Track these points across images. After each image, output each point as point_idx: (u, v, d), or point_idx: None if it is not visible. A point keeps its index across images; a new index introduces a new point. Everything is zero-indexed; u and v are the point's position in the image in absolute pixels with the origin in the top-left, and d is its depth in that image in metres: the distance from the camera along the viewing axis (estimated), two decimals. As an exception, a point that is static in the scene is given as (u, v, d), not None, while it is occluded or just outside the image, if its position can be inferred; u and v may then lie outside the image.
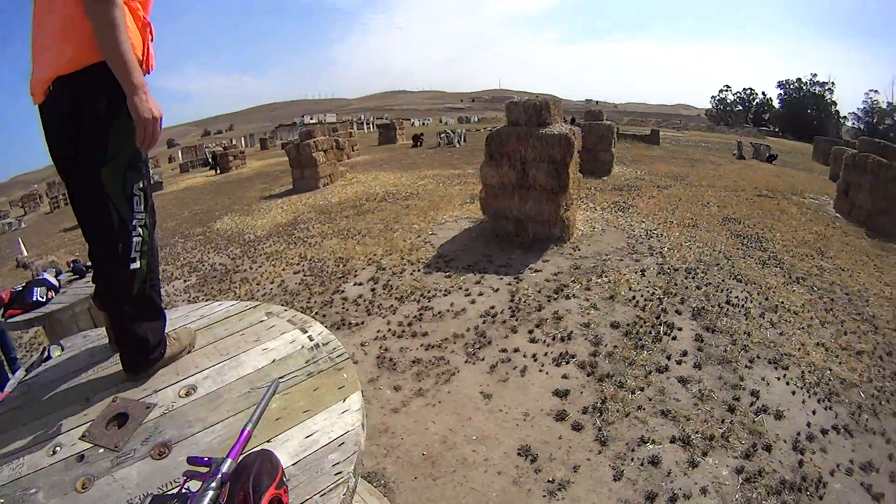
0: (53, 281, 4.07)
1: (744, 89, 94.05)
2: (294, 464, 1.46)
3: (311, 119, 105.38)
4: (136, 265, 1.89)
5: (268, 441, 1.56)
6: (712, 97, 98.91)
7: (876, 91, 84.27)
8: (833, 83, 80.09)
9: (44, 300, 3.84)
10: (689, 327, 5.42)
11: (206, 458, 1.39)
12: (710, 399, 4.24)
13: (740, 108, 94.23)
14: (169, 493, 1.40)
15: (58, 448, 1.71)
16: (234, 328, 2.30)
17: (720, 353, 4.91)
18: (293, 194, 16.48)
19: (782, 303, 6.10)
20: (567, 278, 6.75)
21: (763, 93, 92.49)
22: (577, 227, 8.76)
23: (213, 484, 1.26)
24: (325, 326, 2.24)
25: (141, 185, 1.87)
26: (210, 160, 35.69)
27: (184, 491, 1.31)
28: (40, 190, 48.12)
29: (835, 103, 79.25)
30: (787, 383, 4.51)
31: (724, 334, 5.28)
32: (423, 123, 78.95)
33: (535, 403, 4.29)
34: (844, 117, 76.81)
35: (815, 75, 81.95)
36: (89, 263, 4.45)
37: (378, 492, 3.42)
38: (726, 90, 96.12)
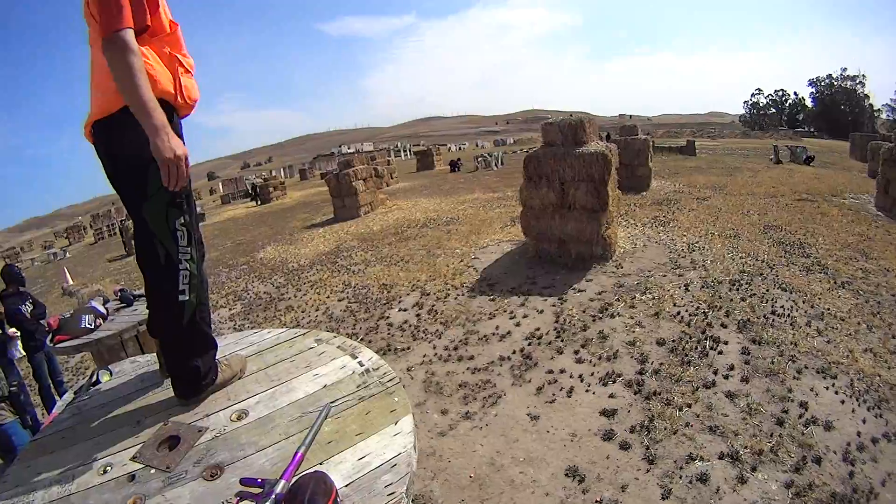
0: (101, 309, 4.15)
1: (775, 91, 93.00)
2: (347, 485, 1.43)
3: (349, 148, 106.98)
4: (186, 297, 1.92)
5: (321, 463, 1.54)
6: (745, 102, 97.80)
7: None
8: (864, 76, 78.62)
9: (92, 327, 3.91)
10: (736, 340, 5.32)
11: (259, 480, 1.41)
12: (759, 413, 4.16)
13: (773, 110, 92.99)
14: None
15: (108, 468, 1.72)
16: (285, 355, 2.31)
17: (767, 366, 4.80)
18: (335, 223, 16.64)
19: (828, 309, 5.93)
20: (611, 297, 6.69)
21: (795, 93, 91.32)
22: (618, 245, 8.69)
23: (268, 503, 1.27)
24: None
25: (183, 221, 1.89)
26: (251, 191, 36.37)
27: None
28: (84, 222, 49.60)
29: (868, 96, 77.80)
30: (836, 392, 4.38)
31: (771, 345, 5.15)
32: (460, 148, 79.62)
33: (582, 423, 4.27)
34: (878, 110, 75.29)
35: (845, 69, 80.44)
36: (137, 292, 4.55)
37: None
38: (758, 94, 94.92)
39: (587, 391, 4.71)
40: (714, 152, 32.25)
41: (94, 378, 2.45)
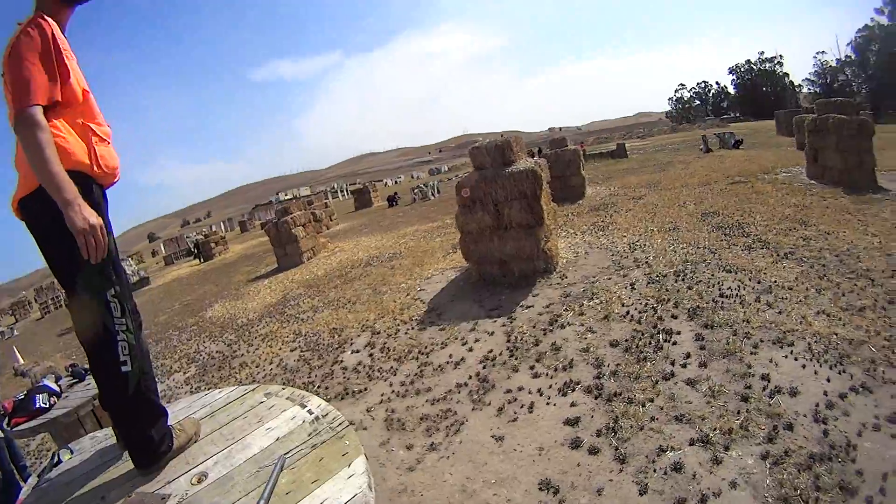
0: (54, 387, 4.15)
1: (698, 84, 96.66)
2: None
3: (286, 195, 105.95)
4: (128, 367, 1.97)
5: None
6: (669, 99, 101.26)
7: (824, 52, 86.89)
8: (780, 56, 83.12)
9: (47, 406, 3.90)
10: (688, 329, 5.45)
11: None
12: (722, 393, 4.24)
13: (698, 102, 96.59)
14: None
15: None
16: (237, 412, 2.39)
17: (723, 347, 4.92)
18: (279, 272, 16.52)
19: (775, 282, 6.17)
20: (559, 308, 6.79)
21: (717, 82, 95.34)
22: (560, 256, 8.84)
23: None
24: (329, 397, 2.33)
25: (113, 292, 1.95)
26: (193, 249, 35.71)
27: None
28: (29, 296, 47.91)
29: (787, 74, 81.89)
30: (796, 359, 4.52)
31: (724, 327, 5.31)
32: (396, 181, 79.80)
33: (547, 436, 4.28)
34: (799, 85, 79.04)
35: (762, 53, 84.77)
36: (88, 366, 4.51)
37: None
38: (681, 88, 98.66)
39: (548, 404, 4.74)
40: (645, 151, 33.12)
41: (56, 458, 2.47)
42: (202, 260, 30.77)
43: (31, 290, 49.47)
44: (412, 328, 7.51)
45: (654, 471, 3.59)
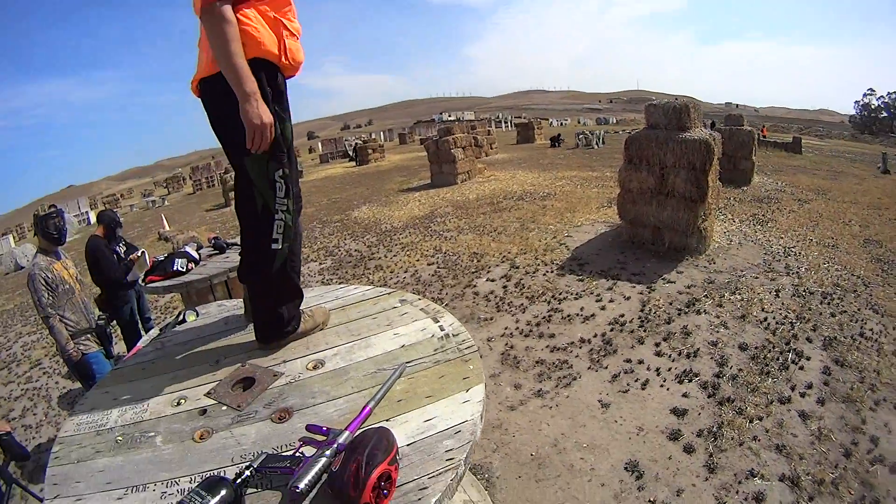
0: (195, 254, 4.31)
1: (888, 93, 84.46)
2: (409, 444, 1.43)
3: (449, 116, 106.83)
4: (278, 246, 1.96)
5: (387, 420, 1.54)
6: (856, 102, 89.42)
7: None
8: None
9: (184, 270, 4.07)
10: (819, 357, 4.95)
11: (325, 428, 1.44)
12: (828, 440, 3.84)
13: (885, 115, 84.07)
14: (284, 453, 1.43)
15: (182, 400, 1.80)
16: (368, 311, 2.32)
17: (846, 391, 4.44)
18: (431, 189, 16.66)
19: None
20: (700, 292, 6.40)
21: None
22: (713, 239, 8.28)
23: (328, 452, 1.30)
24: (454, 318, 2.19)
25: (282, 174, 1.91)
26: (350, 152, 36.88)
27: (297, 454, 1.36)
28: (184, 173, 51.72)
29: None
30: None
31: (853, 370, 4.75)
32: (561, 124, 78.17)
33: (650, 419, 4.16)
34: None
35: None
36: (230, 241, 4.66)
37: (480, 484, 3.39)
38: (871, 94, 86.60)
39: (661, 386, 4.57)
40: (820, 153, 30.13)
41: (181, 317, 2.55)
42: (357, 163, 31.79)
43: (186, 168, 53.23)
44: (551, 271, 7.34)
45: (737, 492, 3.39)
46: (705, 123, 12.05)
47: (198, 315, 2.56)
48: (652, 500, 3.34)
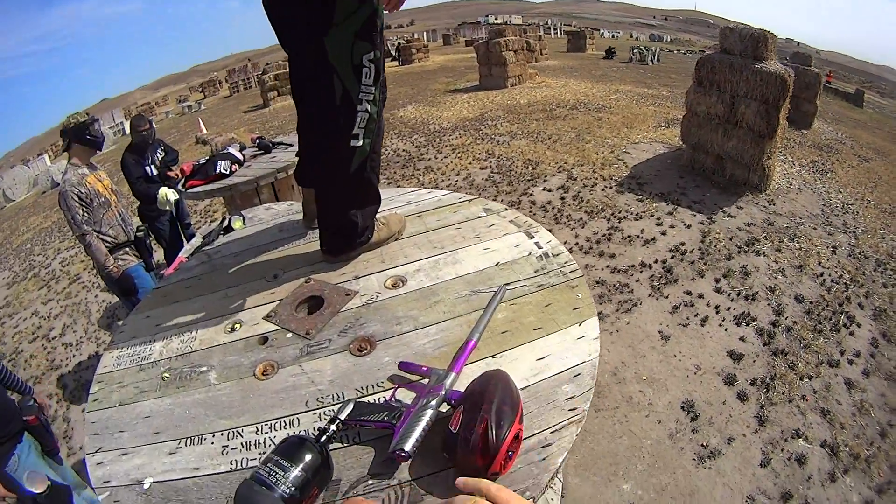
0: (238, 155, 4.06)
1: None
2: (524, 388, 1.11)
3: (496, 19, 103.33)
4: (359, 143, 1.61)
5: (493, 356, 1.23)
6: None
7: None
8: None
9: (227, 172, 3.84)
10: (868, 327, 4.86)
11: (424, 367, 1.15)
12: (868, 414, 3.86)
13: None
14: (376, 402, 1.13)
15: (237, 325, 1.52)
16: (448, 220, 1.94)
17: (891, 368, 4.36)
18: (479, 91, 16.10)
19: None
20: (759, 232, 6.19)
21: None
22: (773, 180, 7.89)
23: (434, 402, 1.01)
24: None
25: (372, 57, 1.53)
26: (392, 52, 36.14)
27: (395, 402, 1.07)
28: (220, 76, 51.16)
29: None
30: None
31: None
32: (613, 36, 75.36)
33: (708, 359, 4.16)
34: None
35: None
36: (276, 140, 4.37)
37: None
38: None
39: (720, 325, 4.52)
40: (882, 111, 28.20)
41: (226, 223, 2.28)
42: (400, 63, 31.00)
43: (222, 72, 52.57)
44: (610, 187, 7.07)
45: (782, 450, 3.45)
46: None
47: (244, 221, 2.29)
48: (704, 444, 3.40)
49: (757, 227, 6.33)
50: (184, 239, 5.39)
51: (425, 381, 1.11)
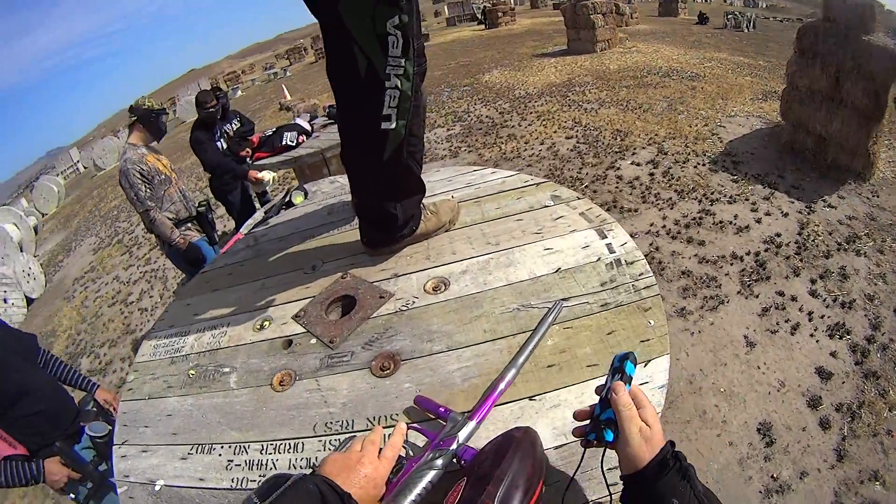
0: (307, 125, 4.06)
1: None
2: (556, 447, 0.91)
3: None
4: (391, 125, 1.37)
5: (530, 398, 1.02)
6: None
7: None
8: None
9: (294, 144, 3.85)
10: None
11: (442, 408, 0.99)
12: None
13: None
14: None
15: (266, 322, 1.47)
16: (510, 209, 1.70)
17: None
18: (567, 55, 15.52)
19: None
20: (861, 227, 5.50)
21: None
22: (878, 167, 7.05)
23: (440, 460, 0.84)
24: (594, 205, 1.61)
25: (398, 22, 1.26)
26: (478, 15, 35.63)
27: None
28: (305, 43, 51.72)
29: None
30: None
31: None
32: (706, 0, 72.18)
33: (794, 374, 3.71)
34: None
35: None
36: None
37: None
38: None
39: (811, 336, 3.99)
40: None
41: (287, 198, 2.30)
42: (486, 27, 30.50)
43: (307, 39, 53.09)
44: (703, 164, 6.60)
45: (856, 494, 3.01)
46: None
47: (306, 196, 2.28)
48: (775, 475, 3.06)
49: (858, 221, 5.70)
50: (257, 205, 5.41)
51: (441, 421, 0.95)
